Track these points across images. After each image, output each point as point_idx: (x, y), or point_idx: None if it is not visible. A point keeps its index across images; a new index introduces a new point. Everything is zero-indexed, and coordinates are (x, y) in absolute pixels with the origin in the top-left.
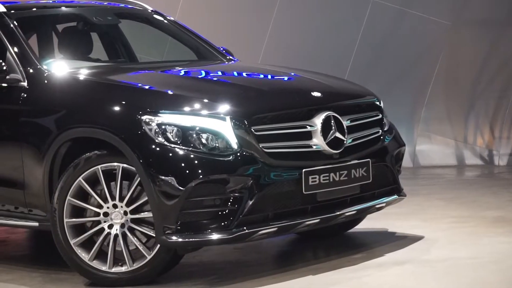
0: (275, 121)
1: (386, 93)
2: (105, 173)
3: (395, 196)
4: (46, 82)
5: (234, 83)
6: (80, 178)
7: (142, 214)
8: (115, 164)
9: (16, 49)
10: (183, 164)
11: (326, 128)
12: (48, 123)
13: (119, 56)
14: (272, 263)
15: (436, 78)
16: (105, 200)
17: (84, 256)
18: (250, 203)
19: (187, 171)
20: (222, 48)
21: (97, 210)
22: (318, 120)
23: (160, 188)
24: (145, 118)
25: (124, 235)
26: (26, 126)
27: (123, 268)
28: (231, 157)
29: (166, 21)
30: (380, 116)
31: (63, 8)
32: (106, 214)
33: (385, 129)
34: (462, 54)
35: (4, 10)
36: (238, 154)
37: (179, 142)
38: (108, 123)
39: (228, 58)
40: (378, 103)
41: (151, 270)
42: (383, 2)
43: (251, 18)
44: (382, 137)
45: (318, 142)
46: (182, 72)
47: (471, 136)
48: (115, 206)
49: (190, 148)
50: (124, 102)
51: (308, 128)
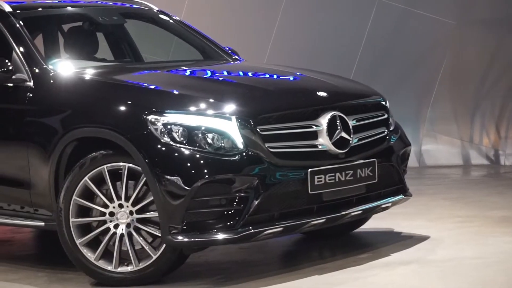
0: (280, 121)
1: (391, 92)
2: (111, 173)
3: (401, 196)
4: (52, 82)
5: (239, 83)
6: (86, 178)
7: (148, 214)
8: (121, 164)
9: (22, 49)
10: (188, 164)
11: (332, 128)
12: (54, 122)
13: (124, 56)
14: (278, 263)
15: (441, 77)
16: (111, 200)
17: (90, 255)
18: (256, 203)
19: (193, 171)
20: (227, 48)
21: (103, 209)
22: (324, 120)
23: (166, 188)
24: (150, 118)
25: (130, 235)
26: (32, 126)
27: (129, 268)
28: (236, 157)
29: (171, 20)
30: (386, 115)
31: (69, 8)
32: (112, 214)
33: (391, 129)
34: (468, 53)
35: (10, 10)
36: (244, 154)
37: (184, 142)
38: (114, 123)
39: (233, 58)
40: (383, 102)
41: (157, 270)
42: (388, 1)
43: (256, 18)
44: (388, 137)
45: (324, 142)
46: (188, 72)
47: (477, 135)
48: (121, 206)
49: (196, 148)
50: (129, 102)
51: (314, 128)
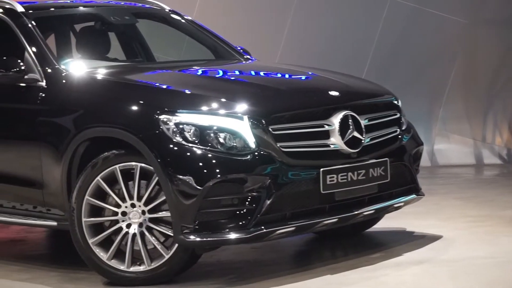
0: (292, 120)
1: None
2: (123, 172)
3: (413, 195)
4: (64, 81)
5: (251, 83)
6: (98, 178)
7: (160, 213)
8: (133, 163)
9: (34, 49)
10: (200, 164)
11: (344, 127)
12: (66, 122)
13: (136, 56)
14: (290, 263)
15: (454, 76)
16: (123, 200)
17: (102, 255)
18: (268, 202)
19: (205, 171)
20: (239, 48)
21: (115, 209)
22: (336, 119)
23: (178, 188)
24: (162, 117)
25: (142, 235)
26: (44, 126)
27: (141, 267)
28: (248, 156)
29: (183, 20)
30: (398, 115)
31: (81, 8)
32: (124, 214)
33: (403, 128)
34: (480, 52)
35: (23, 10)
36: (256, 154)
37: (196, 142)
38: (126, 122)
39: (245, 57)
40: (396, 102)
41: (169, 270)
42: (400, 0)
43: (268, 17)
44: (400, 136)
45: (336, 141)
46: (200, 72)
47: (490, 135)
48: (133, 206)
49: (208, 148)
50: (141, 102)
51: (326, 128)
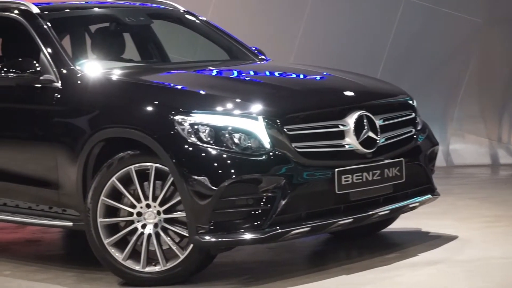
0: (307, 120)
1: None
2: (138, 173)
3: (429, 195)
4: (79, 82)
5: (266, 83)
6: (113, 178)
7: (175, 214)
8: (148, 164)
9: (49, 50)
10: (215, 164)
11: (359, 127)
12: (81, 123)
13: (151, 57)
14: (305, 263)
15: (469, 76)
16: (138, 200)
17: (118, 255)
18: (283, 202)
19: (220, 171)
20: (254, 48)
21: (130, 210)
22: (351, 120)
23: (193, 188)
24: (177, 118)
25: (157, 235)
26: (59, 127)
27: (157, 268)
28: (263, 156)
29: (198, 21)
30: (413, 115)
31: (96, 9)
32: (139, 214)
33: (418, 128)
34: (495, 52)
35: (38, 11)
36: (271, 154)
37: (211, 142)
38: (141, 123)
39: (260, 57)
40: (411, 102)
41: (184, 270)
42: (415, 0)
43: (283, 17)
44: (415, 136)
45: (351, 142)
46: (214, 72)
47: (505, 134)
48: (148, 206)
49: (223, 148)
50: (156, 102)
51: (341, 128)
